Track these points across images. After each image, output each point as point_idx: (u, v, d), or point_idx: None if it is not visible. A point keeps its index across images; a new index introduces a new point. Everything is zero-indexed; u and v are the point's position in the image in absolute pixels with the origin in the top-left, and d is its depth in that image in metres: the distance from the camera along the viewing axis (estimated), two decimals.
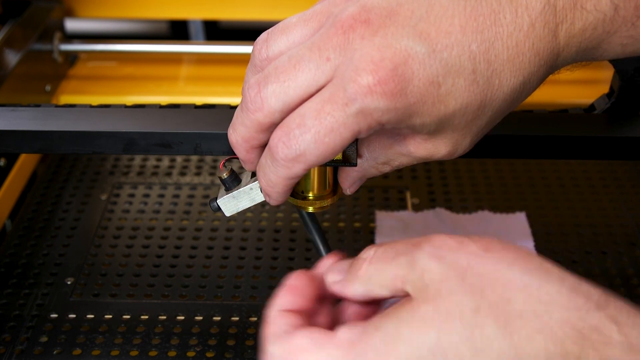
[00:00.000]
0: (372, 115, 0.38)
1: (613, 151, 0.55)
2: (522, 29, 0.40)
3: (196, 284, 0.61)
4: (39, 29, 0.81)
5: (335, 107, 0.38)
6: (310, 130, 0.39)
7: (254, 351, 0.55)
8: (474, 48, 0.39)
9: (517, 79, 0.41)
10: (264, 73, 0.41)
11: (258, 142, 0.43)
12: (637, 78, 0.56)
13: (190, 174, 0.74)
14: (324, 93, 0.39)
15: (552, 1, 0.40)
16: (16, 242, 0.65)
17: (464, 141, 0.43)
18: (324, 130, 0.39)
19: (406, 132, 0.43)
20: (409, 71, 0.38)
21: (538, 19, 0.40)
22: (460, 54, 0.39)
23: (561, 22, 0.41)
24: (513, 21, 0.40)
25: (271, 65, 0.41)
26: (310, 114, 0.39)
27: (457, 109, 0.40)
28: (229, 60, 0.90)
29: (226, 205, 0.52)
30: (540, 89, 0.46)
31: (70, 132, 0.54)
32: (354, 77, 0.38)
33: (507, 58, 0.40)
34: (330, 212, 0.69)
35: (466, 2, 0.39)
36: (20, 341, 0.55)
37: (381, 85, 0.38)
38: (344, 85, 0.38)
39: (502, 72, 0.40)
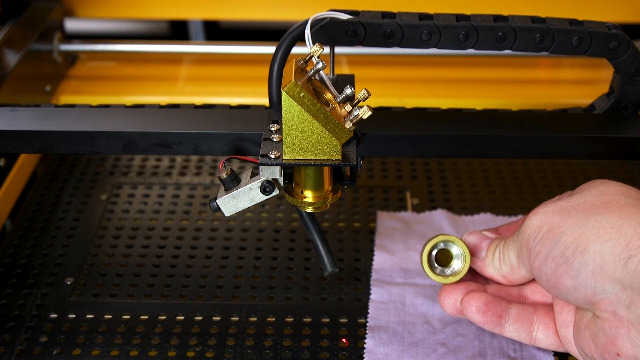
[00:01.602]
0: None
1: (613, 151, 0.55)
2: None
3: (196, 284, 0.61)
4: (38, 29, 0.81)
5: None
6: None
7: (254, 351, 0.55)
8: None
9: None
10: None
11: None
12: (637, 78, 0.56)
13: (190, 174, 0.74)
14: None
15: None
16: (16, 242, 0.65)
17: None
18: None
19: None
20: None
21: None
22: None
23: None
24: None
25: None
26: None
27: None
28: (229, 60, 0.90)
29: (226, 205, 0.52)
30: (540, 89, 0.46)
31: (70, 132, 0.54)
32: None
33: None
34: (330, 212, 0.69)
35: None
36: (20, 341, 0.55)
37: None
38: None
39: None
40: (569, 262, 0.47)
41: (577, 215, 0.48)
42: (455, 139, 0.54)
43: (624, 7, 0.88)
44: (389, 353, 0.53)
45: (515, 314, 0.53)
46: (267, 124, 0.52)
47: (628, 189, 0.49)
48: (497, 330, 0.53)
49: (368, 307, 0.58)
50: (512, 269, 0.52)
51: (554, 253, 0.48)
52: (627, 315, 0.45)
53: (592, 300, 0.47)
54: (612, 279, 0.45)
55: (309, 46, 0.50)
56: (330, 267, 0.54)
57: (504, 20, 0.54)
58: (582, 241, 0.47)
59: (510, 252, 0.52)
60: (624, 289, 0.45)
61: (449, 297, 0.54)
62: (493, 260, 0.53)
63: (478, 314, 0.52)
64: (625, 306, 0.45)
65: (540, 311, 0.53)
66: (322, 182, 0.51)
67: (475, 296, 0.53)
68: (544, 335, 0.52)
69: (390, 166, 0.75)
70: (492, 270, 0.53)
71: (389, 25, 0.54)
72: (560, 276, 0.48)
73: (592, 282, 0.46)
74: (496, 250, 0.53)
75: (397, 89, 0.85)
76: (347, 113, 0.49)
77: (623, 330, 0.46)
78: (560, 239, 0.47)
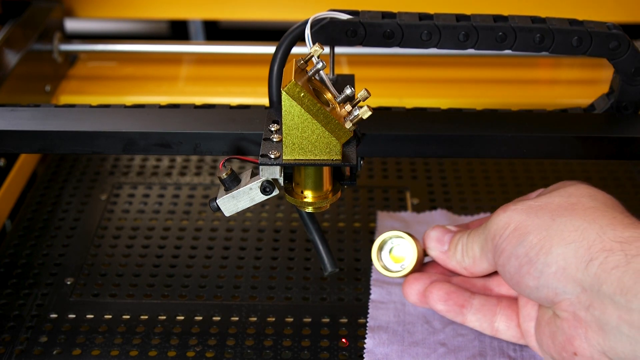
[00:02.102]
0: None
1: (613, 151, 0.55)
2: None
3: (196, 284, 0.61)
4: (38, 29, 0.81)
5: None
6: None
7: (253, 351, 0.55)
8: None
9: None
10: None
11: None
12: (637, 78, 0.56)
13: (190, 174, 0.74)
14: None
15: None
16: (16, 242, 0.65)
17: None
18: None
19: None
20: None
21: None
22: None
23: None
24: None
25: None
26: None
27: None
28: (229, 60, 0.90)
29: (225, 205, 0.52)
30: (540, 89, 0.47)
31: (70, 132, 0.54)
32: None
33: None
34: (330, 212, 0.69)
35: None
36: (20, 341, 0.55)
37: None
38: None
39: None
40: (533, 262, 0.48)
41: (544, 215, 0.49)
42: (455, 139, 0.54)
43: (624, 7, 0.88)
44: (389, 353, 0.53)
45: (478, 305, 0.54)
46: (267, 124, 0.52)
47: (596, 192, 0.50)
48: (459, 319, 0.54)
49: (368, 307, 0.58)
50: (475, 261, 0.53)
51: (519, 252, 0.49)
52: (586, 316, 0.46)
53: (553, 300, 0.48)
54: (574, 281, 0.46)
55: (309, 46, 0.50)
56: (330, 267, 0.54)
57: (504, 20, 0.54)
58: (546, 242, 0.48)
59: (474, 245, 0.53)
60: (584, 291, 0.46)
61: (413, 287, 0.55)
62: (455, 252, 0.54)
63: (440, 302, 0.54)
64: (584, 308, 0.46)
65: (503, 303, 0.54)
66: (322, 182, 0.51)
67: (438, 285, 0.54)
68: (505, 327, 0.53)
69: (390, 166, 0.75)
70: (455, 262, 0.54)
71: (389, 25, 0.54)
72: (523, 275, 0.48)
73: (554, 283, 0.47)
74: (459, 243, 0.54)
75: (397, 89, 0.85)
76: (347, 113, 0.49)
77: (581, 330, 0.46)
78: (526, 238, 0.48)
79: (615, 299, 0.44)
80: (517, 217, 0.50)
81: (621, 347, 0.45)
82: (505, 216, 0.50)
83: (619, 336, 0.45)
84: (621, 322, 0.44)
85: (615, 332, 0.45)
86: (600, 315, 0.45)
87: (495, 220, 0.51)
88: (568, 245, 0.47)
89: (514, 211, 0.50)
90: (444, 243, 0.55)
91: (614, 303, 0.44)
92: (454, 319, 0.54)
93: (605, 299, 0.45)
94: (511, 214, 0.50)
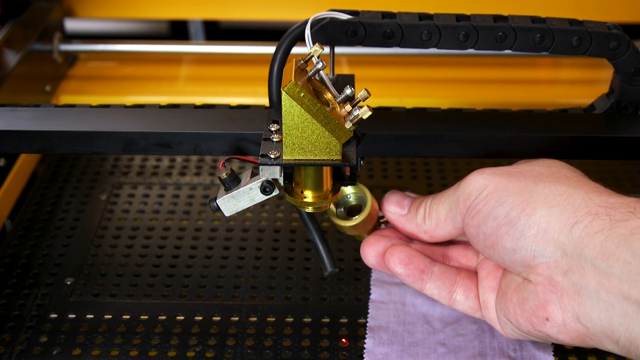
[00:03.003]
0: None
1: (613, 151, 0.55)
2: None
3: (196, 284, 0.61)
4: (38, 29, 0.81)
5: None
6: None
7: (254, 351, 0.55)
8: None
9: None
10: None
11: None
12: (637, 78, 0.56)
13: (190, 174, 0.74)
14: None
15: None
16: (16, 242, 0.65)
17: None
18: None
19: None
20: None
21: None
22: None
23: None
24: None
25: None
26: None
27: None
28: (229, 60, 0.90)
29: (225, 205, 0.52)
30: (540, 89, 0.47)
31: (70, 132, 0.54)
32: None
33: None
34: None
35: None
36: (20, 341, 0.55)
37: None
38: None
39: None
40: (513, 222, 0.47)
41: (526, 180, 0.49)
42: (455, 139, 0.54)
43: (624, 7, 0.88)
44: (389, 353, 0.53)
45: (438, 272, 0.53)
46: (267, 124, 0.52)
47: (572, 167, 0.51)
48: (417, 285, 0.53)
49: (368, 307, 0.58)
50: (438, 223, 0.52)
51: (497, 212, 0.48)
52: (563, 281, 0.46)
53: (529, 263, 0.47)
54: (554, 244, 0.46)
55: (309, 46, 0.50)
56: (330, 267, 0.54)
57: (504, 20, 0.55)
58: (529, 204, 0.47)
59: (440, 207, 0.52)
60: (565, 255, 0.46)
61: (372, 248, 0.54)
62: (417, 215, 0.53)
63: (400, 265, 0.53)
64: (562, 272, 0.46)
65: (463, 274, 0.54)
66: (322, 182, 0.51)
67: (399, 248, 0.53)
68: (463, 298, 0.53)
69: (390, 166, 0.75)
70: (414, 226, 0.54)
71: (389, 25, 0.54)
72: (500, 236, 0.48)
73: (532, 245, 0.47)
74: (421, 207, 0.53)
75: (397, 89, 0.85)
76: (347, 113, 0.49)
77: (555, 295, 0.46)
78: (507, 199, 0.48)
79: (596, 264, 0.44)
80: (496, 180, 0.49)
81: (597, 313, 0.45)
82: (481, 177, 0.50)
83: (596, 302, 0.44)
84: (600, 287, 0.44)
85: (593, 297, 0.44)
86: (579, 279, 0.45)
87: (470, 181, 0.50)
88: (552, 208, 0.46)
89: (492, 174, 0.50)
90: (404, 206, 0.54)
91: (595, 268, 0.44)
92: (412, 285, 0.53)
93: (586, 263, 0.45)
94: (489, 177, 0.49)
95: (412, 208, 0.54)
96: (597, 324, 0.45)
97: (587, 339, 0.46)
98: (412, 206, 0.54)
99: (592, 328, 0.45)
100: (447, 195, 0.52)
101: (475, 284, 0.53)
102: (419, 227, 0.53)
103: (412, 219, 0.54)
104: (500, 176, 0.49)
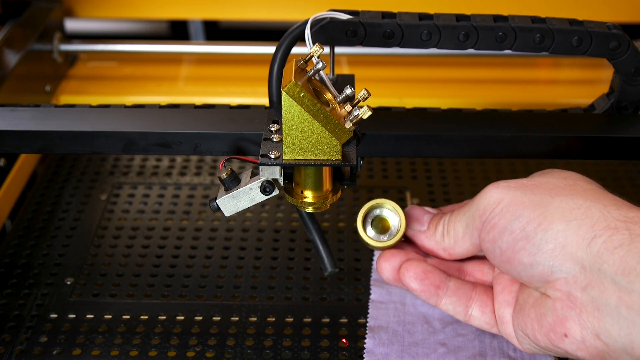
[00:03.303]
0: None
1: (613, 151, 0.55)
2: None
3: (196, 284, 0.61)
4: (38, 29, 0.81)
5: None
6: None
7: (253, 351, 0.55)
8: None
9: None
10: None
11: None
12: (637, 78, 0.56)
13: (190, 174, 0.74)
14: None
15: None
16: (16, 242, 0.65)
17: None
18: None
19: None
20: None
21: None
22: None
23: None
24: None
25: None
26: None
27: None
28: (229, 60, 0.90)
29: (225, 205, 0.52)
30: (540, 89, 0.47)
31: (70, 132, 0.54)
32: None
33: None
34: (330, 212, 0.69)
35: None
36: (20, 341, 0.55)
37: None
38: None
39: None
40: (529, 237, 0.46)
41: (542, 193, 0.48)
42: (455, 139, 0.54)
43: (624, 7, 0.88)
44: (389, 353, 0.53)
45: (453, 287, 0.52)
46: (267, 124, 0.52)
47: (589, 179, 0.50)
48: (432, 301, 0.53)
49: (368, 307, 0.58)
50: (456, 241, 0.52)
51: (514, 227, 0.47)
52: (582, 296, 0.45)
53: (547, 279, 0.46)
54: (572, 259, 0.45)
55: (309, 46, 0.50)
56: (330, 267, 0.54)
57: (504, 20, 0.55)
58: (545, 218, 0.46)
59: (457, 224, 0.51)
60: (583, 270, 0.45)
61: (388, 263, 0.53)
62: (435, 232, 0.53)
63: (416, 281, 0.52)
64: (581, 287, 0.45)
65: (478, 289, 0.53)
66: (322, 182, 0.51)
67: (414, 263, 0.53)
68: (479, 313, 0.52)
69: (390, 166, 0.75)
70: (433, 243, 0.53)
71: (389, 25, 0.54)
72: (517, 251, 0.47)
73: (550, 260, 0.46)
74: (440, 223, 0.53)
75: (397, 89, 0.85)
76: (347, 113, 0.49)
77: (575, 311, 0.45)
78: (523, 213, 0.47)
79: (616, 279, 0.43)
80: (512, 193, 0.48)
81: (617, 329, 0.44)
82: (497, 192, 0.49)
83: (616, 318, 0.44)
84: (620, 303, 0.43)
85: (613, 313, 0.44)
86: (599, 295, 0.44)
87: (485, 196, 0.49)
88: (570, 222, 0.45)
89: (507, 188, 0.49)
90: (423, 223, 0.54)
91: (615, 283, 0.43)
92: (427, 300, 0.53)
93: (605, 279, 0.44)
94: (504, 190, 0.49)
95: (431, 225, 0.53)
96: (618, 341, 0.44)
97: (606, 355, 0.45)
98: (432, 223, 0.53)
99: (612, 345, 0.44)
100: (464, 212, 0.51)
101: (491, 299, 0.52)
102: (438, 245, 0.53)
103: (432, 236, 0.53)
104: (515, 189, 0.49)
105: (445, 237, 0.52)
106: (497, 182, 0.50)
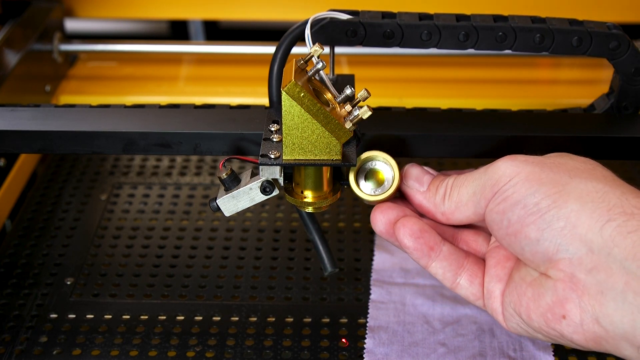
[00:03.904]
0: None
1: (613, 151, 0.55)
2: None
3: (196, 284, 0.61)
4: (38, 29, 0.81)
5: None
6: None
7: (254, 351, 0.55)
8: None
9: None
10: None
11: None
12: (637, 78, 0.56)
13: (190, 174, 0.74)
14: None
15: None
16: (16, 242, 0.65)
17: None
18: None
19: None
20: None
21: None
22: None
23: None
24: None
25: None
26: None
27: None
28: (229, 60, 0.90)
29: (225, 205, 0.52)
30: (540, 89, 0.46)
31: (70, 132, 0.54)
32: None
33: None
34: (330, 212, 0.69)
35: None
36: (20, 341, 0.55)
37: None
38: None
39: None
40: (541, 212, 0.45)
41: (561, 172, 0.47)
42: (455, 139, 0.54)
43: (624, 7, 0.88)
44: (389, 353, 0.53)
45: (446, 252, 0.51)
46: (267, 124, 0.52)
47: (606, 167, 0.49)
48: (423, 262, 0.51)
49: (368, 307, 0.58)
50: (458, 206, 0.50)
51: (528, 201, 0.46)
52: (586, 279, 0.44)
53: (551, 257, 0.46)
54: (581, 240, 0.44)
55: (309, 46, 0.50)
56: (330, 267, 0.54)
57: (504, 20, 0.55)
58: (561, 196, 0.45)
59: (463, 189, 0.50)
60: (590, 253, 0.44)
61: (383, 216, 0.51)
62: (436, 194, 0.51)
63: (411, 238, 0.50)
64: (586, 270, 0.44)
65: (471, 259, 0.52)
66: (322, 182, 0.51)
67: (412, 220, 0.50)
68: (467, 283, 0.51)
69: None
70: (432, 205, 0.51)
71: (389, 25, 0.54)
72: (526, 225, 0.46)
73: (558, 238, 0.45)
74: (442, 186, 0.51)
75: (397, 89, 0.85)
76: (347, 113, 0.49)
77: (576, 293, 0.45)
78: (540, 189, 0.46)
79: (625, 264, 0.43)
80: (529, 168, 0.47)
81: (619, 315, 0.43)
82: (514, 164, 0.47)
83: (621, 304, 0.43)
84: (627, 288, 0.42)
85: (618, 298, 0.43)
86: (604, 279, 0.43)
87: (500, 167, 0.48)
88: (585, 204, 0.45)
89: (524, 162, 0.47)
90: (423, 183, 0.51)
91: (624, 268, 0.43)
92: (418, 260, 0.51)
93: (614, 263, 0.43)
94: (521, 164, 0.47)
95: (432, 186, 0.51)
96: (619, 327, 0.43)
97: (602, 341, 0.45)
98: (432, 184, 0.51)
99: (611, 331, 0.44)
100: (473, 179, 0.49)
101: (482, 271, 0.51)
102: (437, 207, 0.51)
103: (431, 198, 0.51)
104: (534, 165, 0.47)
105: (447, 201, 0.51)
106: (513, 155, 0.48)
